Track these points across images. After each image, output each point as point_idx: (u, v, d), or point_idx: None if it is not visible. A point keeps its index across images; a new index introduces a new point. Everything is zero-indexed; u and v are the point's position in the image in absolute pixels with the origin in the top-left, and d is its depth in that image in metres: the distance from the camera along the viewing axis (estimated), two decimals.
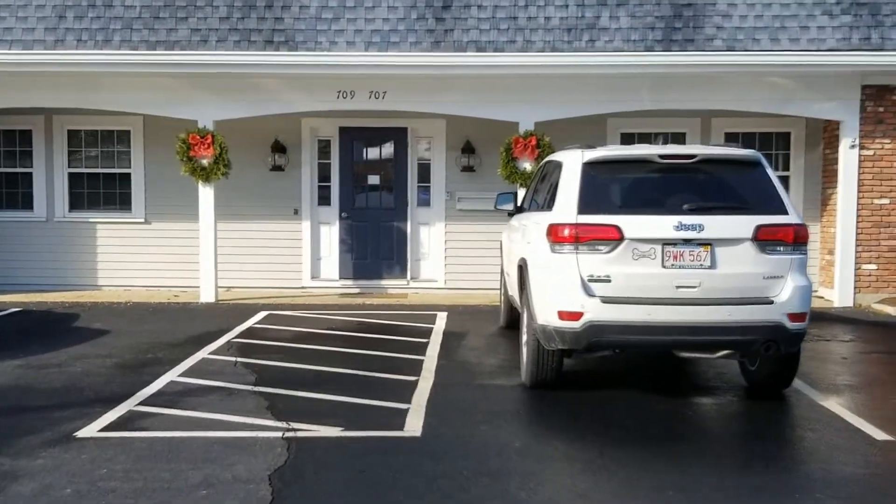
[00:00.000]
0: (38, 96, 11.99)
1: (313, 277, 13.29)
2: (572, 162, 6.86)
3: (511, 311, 9.67)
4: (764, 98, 11.85)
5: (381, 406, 6.57)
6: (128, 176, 13.24)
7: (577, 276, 6.41)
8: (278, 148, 13.00)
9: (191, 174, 11.91)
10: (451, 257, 13.16)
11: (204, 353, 8.54)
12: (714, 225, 6.36)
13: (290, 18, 11.68)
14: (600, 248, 6.40)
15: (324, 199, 13.33)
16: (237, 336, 9.48)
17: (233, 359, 8.29)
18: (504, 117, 11.96)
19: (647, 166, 6.72)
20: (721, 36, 11.42)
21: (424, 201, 13.34)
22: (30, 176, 13.27)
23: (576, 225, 6.45)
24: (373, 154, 13.47)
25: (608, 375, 7.85)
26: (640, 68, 11.41)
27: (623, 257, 6.38)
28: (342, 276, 13.31)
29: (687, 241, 6.36)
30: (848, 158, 12.07)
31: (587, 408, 6.60)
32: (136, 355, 8.47)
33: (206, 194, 12.03)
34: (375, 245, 13.34)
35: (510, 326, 9.84)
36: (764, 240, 6.38)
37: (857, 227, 12.13)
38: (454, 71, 11.57)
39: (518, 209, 9.25)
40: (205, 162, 11.83)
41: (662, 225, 6.37)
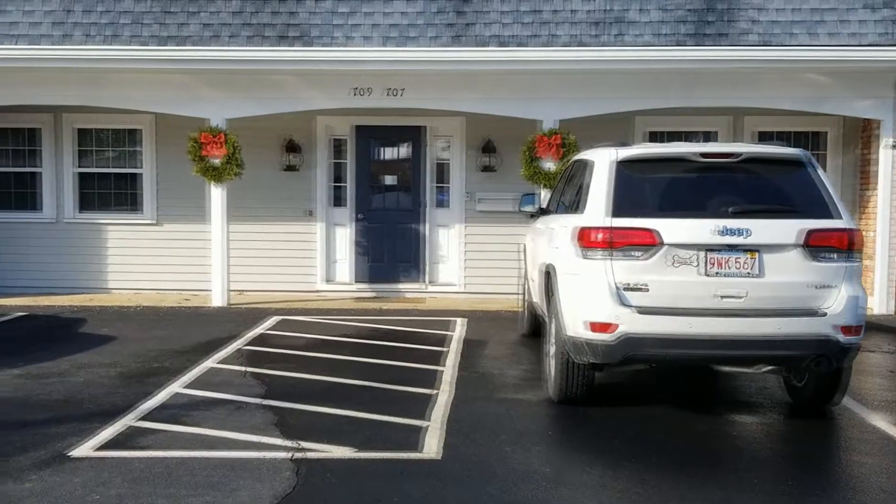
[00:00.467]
0: (46, 93, 11.61)
1: (327, 281, 12.88)
2: (604, 160, 6.38)
3: (534, 319, 9.23)
4: (799, 95, 11.30)
5: (396, 423, 6.12)
6: (138, 176, 12.88)
7: (610, 285, 5.93)
8: (292, 147, 12.61)
9: (202, 174, 11.52)
10: (470, 260, 12.72)
11: (212, 361, 8.13)
12: (761, 229, 5.87)
13: (304, 13, 11.27)
14: (635, 253, 5.92)
15: (338, 200, 12.93)
16: (247, 343, 9.07)
17: (242, 368, 7.87)
18: (526, 115, 11.49)
19: (686, 165, 6.23)
20: (756, 30, 10.90)
21: (442, 202, 12.91)
22: (38, 176, 12.93)
23: (609, 229, 5.97)
24: (389, 153, 13.08)
25: (640, 388, 7.36)
26: (671, 63, 10.88)
27: (661, 264, 5.89)
28: (357, 280, 12.89)
29: (731, 247, 5.87)
30: (887, 159, 11.51)
31: (621, 427, 6.11)
32: (141, 364, 8.07)
33: (217, 195, 11.64)
34: (391, 247, 12.91)
35: (533, 334, 9.40)
36: (815, 246, 5.88)
37: None
38: (475, 67, 11.10)
39: (542, 211, 8.82)
40: (216, 162, 11.44)
41: (704, 229, 5.88)
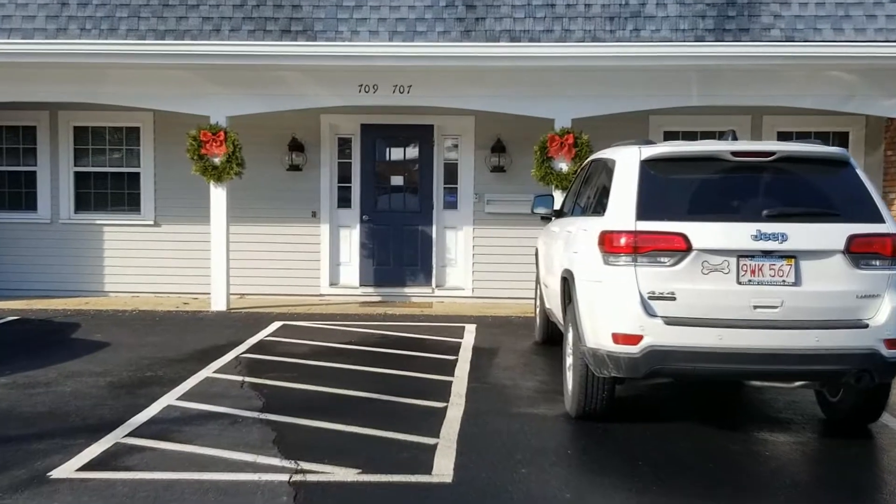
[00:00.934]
0: (40, 89, 11.18)
1: (332, 284, 12.46)
2: (628, 160, 5.94)
3: (548, 326, 8.80)
4: (823, 94, 10.82)
5: (404, 440, 5.69)
6: (137, 175, 12.47)
7: (635, 293, 5.49)
8: (295, 146, 12.18)
9: (202, 174, 11.10)
10: (480, 263, 12.28)
11: (209, 370, 7.71)
12: (799, 234, 5.43)
13: (308, 6, 10.85)
14: (663, 259, 5.48)
15: (344, 201, 12.50)
16: (247, 351, 8.65)
17: (240, 378, 7.44)
18: (538, 113, 11.04)
19: (717, 165, 5.79)
20: (779, 25, 10.44)
21: (451, 204, 12.47)
22: (34, 175, 12.53)
23: (634, 233, 5.53)
24: (396, 153, 12.65)
25: (660, 402, 6.92)
26: (690, 60, 10.41)
27: (690, 271, 5.45)
28: (363, 283, 12.47)
29: (767, 253, 5.43)
30: None
31: (645, 446, 5.67)
32: (134, 373, 7.65)
33: (218, 195, 11.22)
34: (398, 250, 12.48)
35: (547, 342, 8.97)
36: (858, 252, 5.44)
37: None
38: (485, 63, 10.65)
39: (557, 213, 8.40)
40: (217, 161, 11.02)
41: (738, 233, 5.44)
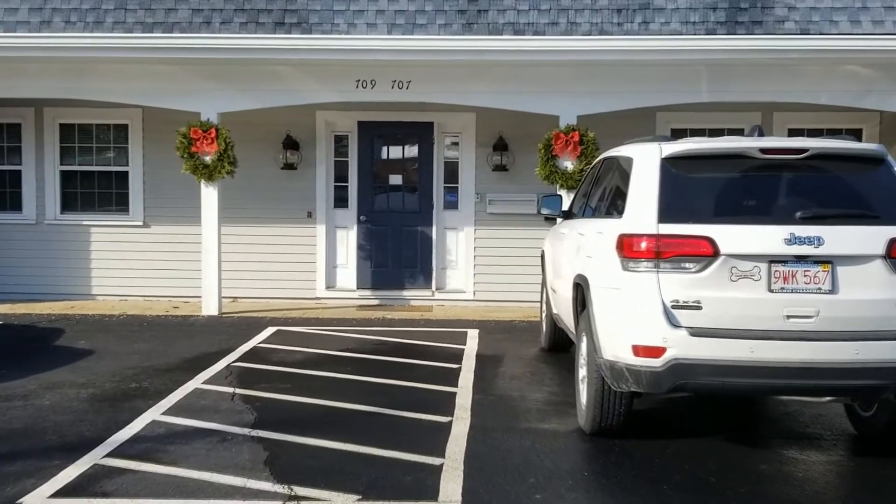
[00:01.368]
0: (24, 85, 10.72)
1: (328, 287, 12.03)
2: (647, 157, 5.52)
3: (555, 332, 8.39)
4: (839, 89, 10.42)
5: (407, 460, 5.26)
6: (125, 174, 12.02)
7: (657, 302, 5.07)
8: (290, 144, 11.75)
9: (192, 172, 10.66)
10: (481, 266, 11.87)
11: (197, 381, 7.27)
12: (835, 238, 5.02)
13: None
14: (688, 265, 5.07)
15: (340, 201, 12.07)
16: (238, 359, 8.22)
17: (230, 390, 7.01)
18: (543, 110, 10.62)
19: (744, 163, 5.38)
20: (793, 17, 10.03)
21: (451, 204, 12.05)
22: (18, 174, 12.07)
23: (656, 236, 5.11)
24: (395, 151, 12.23)
25: (680, 415, 6.50)
26: (701, 54, 9.99)
27: (718, 278, 5.04)
28: (360, 286, 12.04)
29: (801, 259, 5.02)
30: None
31: (666, 466, 5.25)
32: (118, 384, 7.21)
33: (209, 195, 10.78)
34: (397, 252, 12.06)
35: (554, 349, 8.56)
36: None
37: None
38: (488, 57, 10.23)
39: (565, 214, 7.99)
40: (208, 159, 10.59)
41: (769, 237, 5.03)
